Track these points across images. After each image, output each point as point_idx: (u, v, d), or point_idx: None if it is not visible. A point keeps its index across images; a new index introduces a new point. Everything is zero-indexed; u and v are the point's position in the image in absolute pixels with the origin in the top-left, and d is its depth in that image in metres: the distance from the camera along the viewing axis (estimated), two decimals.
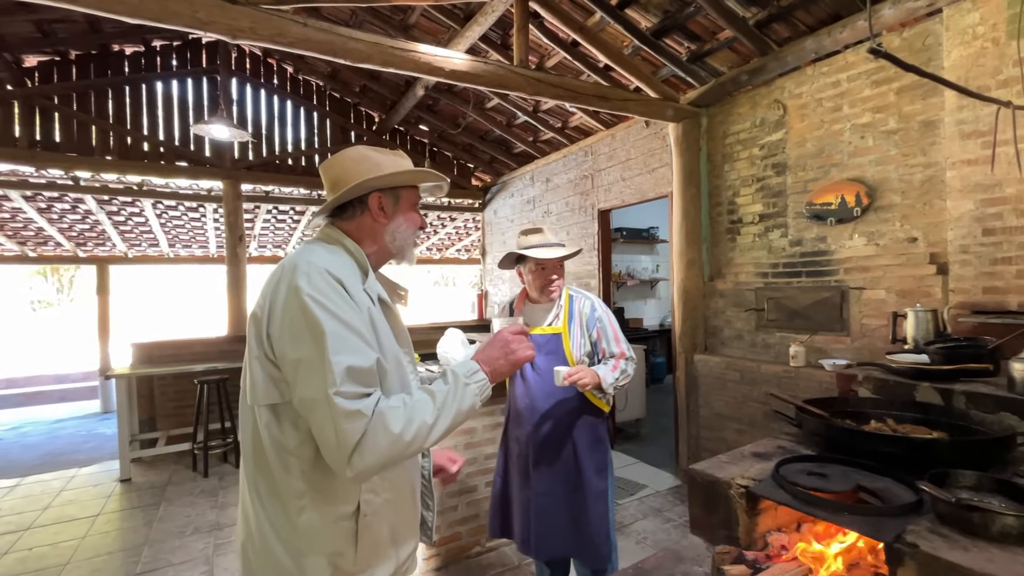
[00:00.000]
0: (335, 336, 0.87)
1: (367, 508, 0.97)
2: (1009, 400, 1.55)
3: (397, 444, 0.86)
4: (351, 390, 0.85)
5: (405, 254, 1.14)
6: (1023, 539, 0.94)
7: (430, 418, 0.91)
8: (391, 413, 0.87)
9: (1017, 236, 2.13)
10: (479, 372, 1.00)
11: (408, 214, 1.12)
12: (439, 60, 2.67)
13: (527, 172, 5.74)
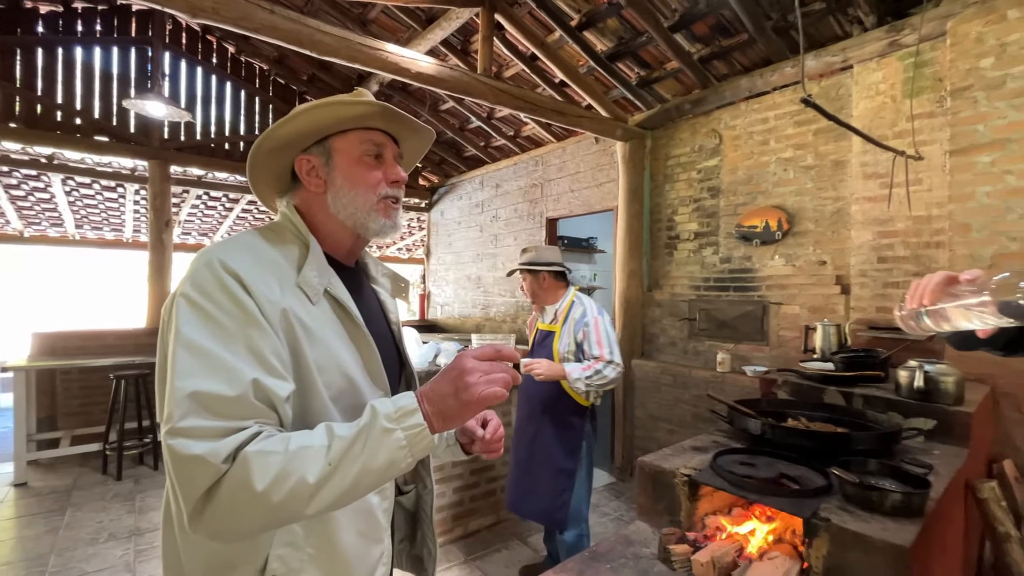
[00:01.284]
0: (192, 350, 0.65)
1: (280, 567, 0.72)
2: (896, 402, 1.85)
3: (261, 506, 0.61)
4: (198, 425, 0.61)
5: (367, 225, 0.85)
6: (908, 512, 1.16)
7: (313, 475, 0.62)
8: (259, 462, 0.61)
9: (904, 264, 2.51)
10: (416, 414, 0.67)
11: (351, 169, 0.83)
12: (406, 61, 2.70)
13: (477, 176, 5.82)
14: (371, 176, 0.84)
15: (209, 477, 0.60)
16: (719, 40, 3.14)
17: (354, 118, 0.84)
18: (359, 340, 0.82)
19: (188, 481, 0.61)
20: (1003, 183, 2.19)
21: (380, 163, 0.86)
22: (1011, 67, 2.17)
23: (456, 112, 5.08)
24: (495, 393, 0.68)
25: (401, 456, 0.66)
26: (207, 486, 0.60)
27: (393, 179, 0.86)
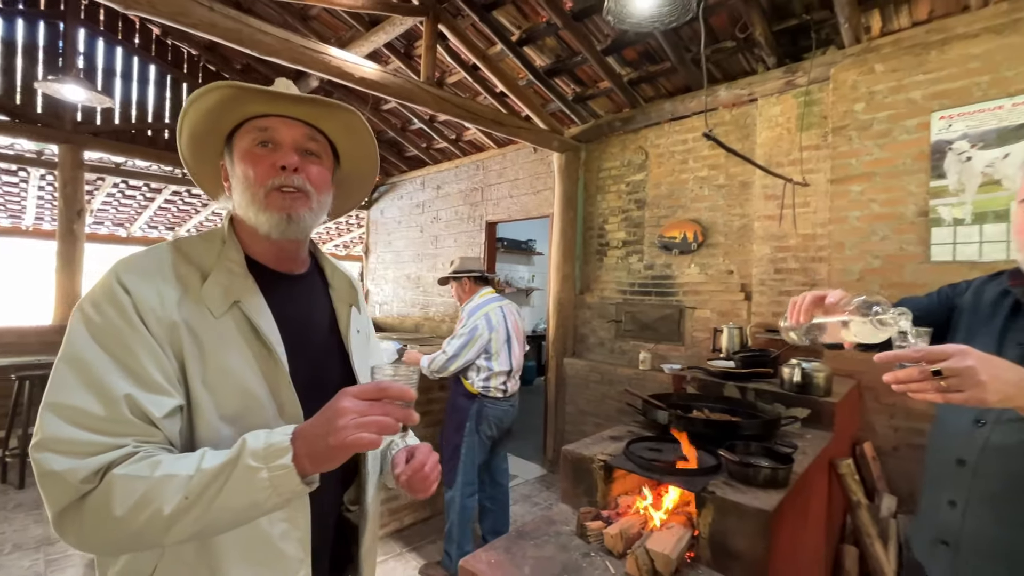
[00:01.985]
0: (71, 363, 0.64)
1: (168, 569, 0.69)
2: (781, 395, 2.16)
3: (120, 531, 0.59)
4: (63, 439, 0.60)
5: (260, 221, 0.76)
6: (775, 483, 1.41)
7: (169, 507, 0.59)
8: (122, 487, 0.59)
9: (795, 275, 2.89)
10: (286, 454, 0.61)
11: (240, 165, 0.77)
12: (349, 66, 2.74)
13: (418, 176, 5.86)
14: (256, 167, 0.76)
15: (67, 495, 0.59)
16: (646, 66, 3.43)
17: (218, 108, 0.77)
18: (267, 357, 0.74)
19: (48, 496, 0.60)
20: (869, 209, 2.60)
21: (272, 150, 0.77)
22: (877, 112, 2.58)
23: (398, 112, 5.10)
24: (361, 440, 0.60)
25: (264, 497, 0.61)
26: (65, 504, 0.59)
27: (281, 163, 0.76)
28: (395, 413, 0.63)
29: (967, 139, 2.32)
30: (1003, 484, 0.94)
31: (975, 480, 0.98)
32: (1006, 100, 2.22)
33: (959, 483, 1.00)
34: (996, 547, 0.94)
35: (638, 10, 1.98)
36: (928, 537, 1.06)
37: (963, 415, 1.01)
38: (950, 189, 2.36)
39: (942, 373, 0.70)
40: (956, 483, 1.01)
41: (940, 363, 0.71)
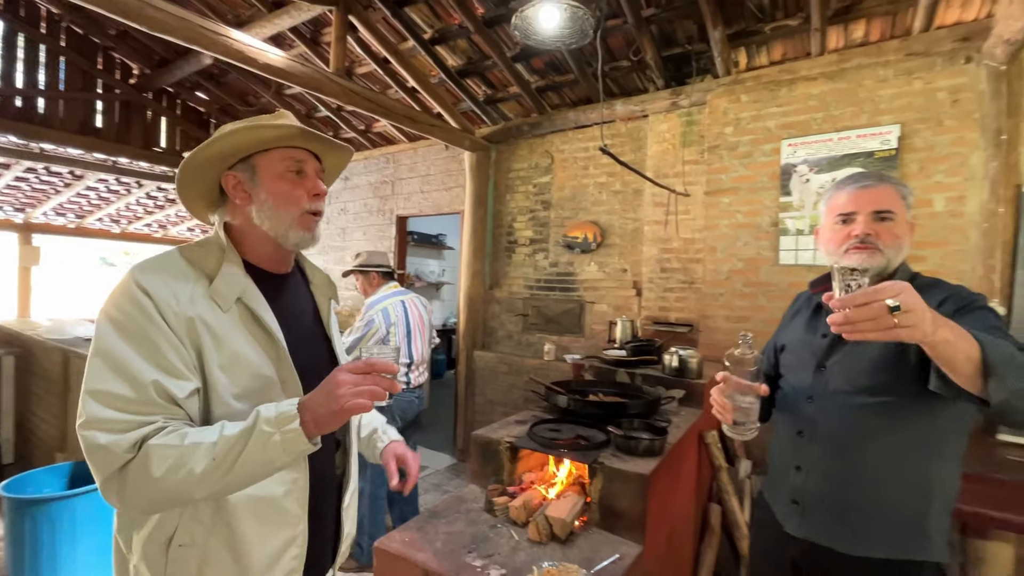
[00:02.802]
0: (103, 357, 0.77)
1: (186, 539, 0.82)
2: (663, 379, 2.47)
3: (158, 489, 0.73)
4: (104, 418, 0.74)
5: (288, 236, 0.92)
6: (652, 452, 1.66)
7: (199, 468, 0.73)
8: (158, 453, 0.73)
9: (677, 275, 3.29)
10: (294, 420, 0.76)
11: (274, 185, 0.92)
12: (252, 51, 2.63)
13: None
14: (294, 192, 0.93)
15: (113, 463, 0.73)
16: (552, 76, 3.65)
17: (275, 139, 0.93)
18: (269, 343, 0.89)
19: (96, 466, 0.74)
20: (735, 219, 3.04)
21: (302, 178, 0.94)
22: (742, 136, 3.02)
23: (303, 99, 4.89)
24: (358, 405, 0.76)
25: (277, 455, 0.75)
26: (112, 470, 0.74)
27: (315, 192, 0.95)
28: (382, 383, 0.80)
29: (807, 164, 2.81)
30: (830, 449, 1.16)
31: (811, 447, 1.19)
32: (834, 134, 2.74)
33: (800, 451, 1.22)
34: (828, 501, 1.16)
35: (542, 29, 2.16)
36: (784, 499, 1.26)
37: (799, 394, 1.25)
38: (794, 205, 2.85)
39: (900, 309, 0.71)
40: (798, 452, 1.22)
41: (893, 296, 0.72)
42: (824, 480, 1.17)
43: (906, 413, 1.08)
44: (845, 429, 1.14)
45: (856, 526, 1.12)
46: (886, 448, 1.09)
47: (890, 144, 2.60)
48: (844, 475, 1.14)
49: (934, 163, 2.52)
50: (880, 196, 1.12)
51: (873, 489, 1.11)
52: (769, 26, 2.80)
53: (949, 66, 2.50)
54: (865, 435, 1.11)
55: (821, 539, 1.16)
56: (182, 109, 5.41)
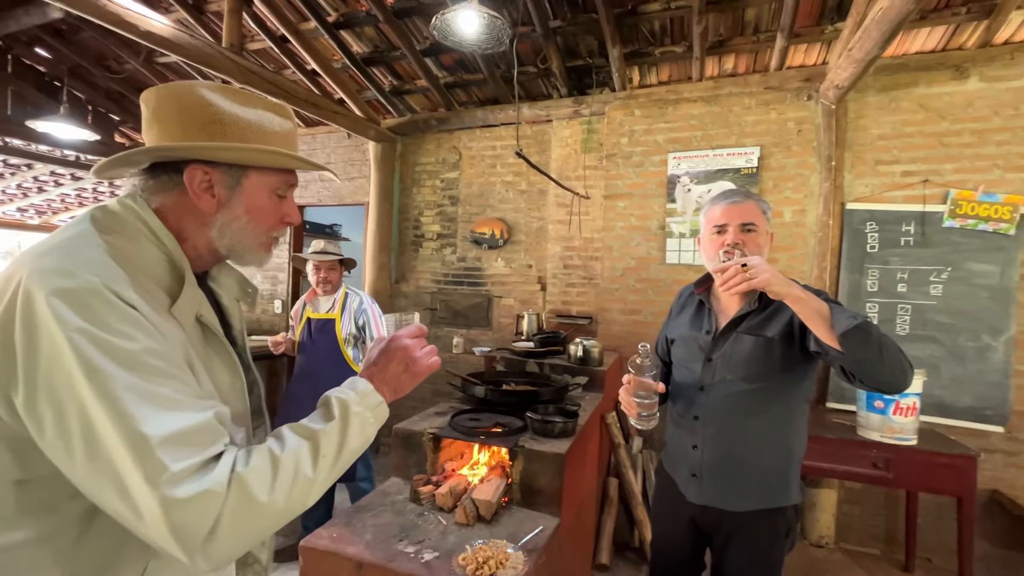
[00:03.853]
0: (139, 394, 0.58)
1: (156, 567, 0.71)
2: (568, 367, 2.67)
3: (268, 515, 0.62)
4: (184, 465, 0.58)
5: (244, 256, 0.82)
6: (565, 434, 1.82)
7: (310, 470, 0.66)
8: (254, 476, 0.62)
9: (578, 271, 3.55)
10: (374, 395, 0.77)
11: (257, 204, 0.78)
12: (132, 16, 2.32)
13: None
14: (272, 215, 0.81)
15: (217, 507, 0.58)
16: (462, 73, 3.71)
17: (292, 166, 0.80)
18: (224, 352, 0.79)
19: (197, 519, 0.57)
20: (629, 221, 3.37)
21: (282, 201, 0.83)
22: (636, 147, 3.35)
23: (179, 68, 4.37)
24: (436, 363, 0.85)
25: (373, 431, 0.76)
26: (210, 526, 0.58)
27: (289, 220, 0.84)
28: (434, 350, 0.86)
29: (688, 175, 3.21)
30: (719, 429, 1.40)
31: (705, 429, 1.42)
32: (710, 151, 3.16)
33: (696, 432, 1.44)
34: (719, 471, 1.40)
35: (461, 33, 2.22)
36: (684, 473, 1.49)
37: (692, 385, 1.47)
38: (678, 211, 3.23)
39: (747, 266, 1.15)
40: (694, 433, 1.45)
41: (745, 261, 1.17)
42: (716, 455, 1.42)
43: (773, 394, 1.36)
44: (731, 412, 1.39)
45: (740, 487, 1.38)
46: (760, 423, 1.37)
47: (752, 163, 3.07)
48: (731, 449, 1.40)
49: (784, 181, 3.04)
50: (746, 211, 1.38)
51: (752, 457, 1.38)
52: (659, 50, 3.14)
53: (796, 101, 3.02)
54: (746, 415, 1.38)
55: (714, 502, 1.41)
56: (14, 67, 4.53)
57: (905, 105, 2.81)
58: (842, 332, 1.05)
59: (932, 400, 2.65)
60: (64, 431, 0.56)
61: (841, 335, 1.05)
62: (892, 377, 1.10)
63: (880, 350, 1.06)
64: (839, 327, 1.06)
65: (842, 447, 2.37)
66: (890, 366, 1.08)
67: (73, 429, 0.56)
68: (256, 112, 0.77)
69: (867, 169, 2.88)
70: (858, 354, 1.06)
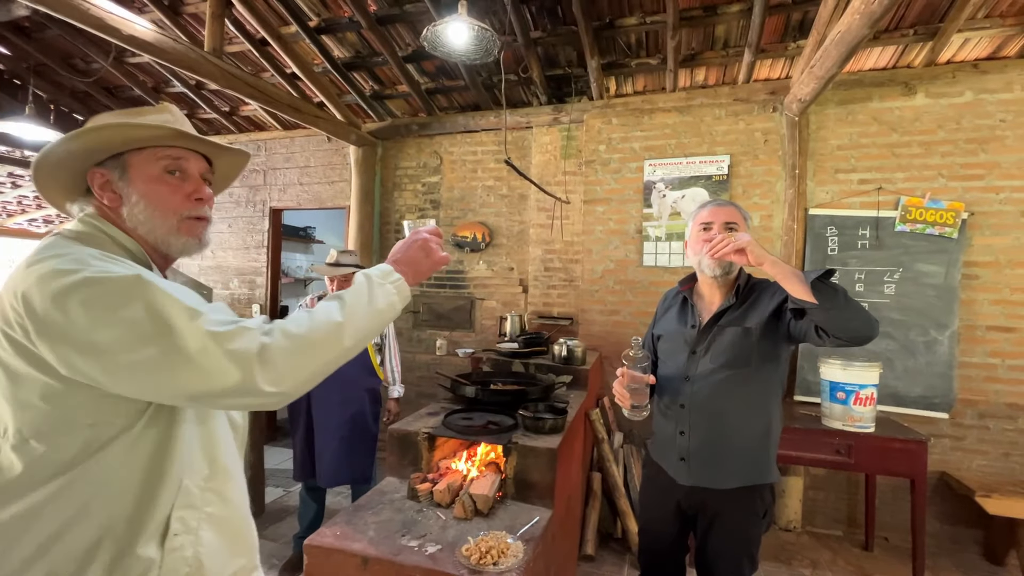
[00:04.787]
0: (156, 279, 0.73)
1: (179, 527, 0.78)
2: (552, 366, 2.78)
3: (308, 347, 0.75)
4: (218, 317, 0.73)
5: (170, 243, 0.86)
6: (556, 430, 1.92)
7: (338, 315, 0.79)
8: (291, 323, 0.77)
9: (559, 273, 3.66)
10: (393, 273, 0.89)
11: (148, 187, 0.83)
12: (114, 19, 2.30)
13: None
14: (171, 196, 0.84)
15: (256, 338, 0.72)
16: (443, 79, 3.77)
17: (148, 139, 0.83)
18: None
19: (244, 346, 0.70)
20: (608, 225, 3.50)
21: (182, 180, 0.86)
22: (613, 153, 3.49)
23: (151, 70, 4.28)
24: (448, 256, 1.01)
25: (396, 300, 0.88)
26: (258, 347, 0.71)
27: (196, 196, 0.86)
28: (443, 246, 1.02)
29: (663, 182, 3.36)
30: (703, 415, 1.53)
31: (691, 415, 1.55)
32: (683, 159, 3.32)
33: (683, 419, 1.57)
34: (705, 454, 1.53)
35: (450, 44, 2.29)
36: (673, 458, 1.60)
37: (678, 376, 1.60)
38: (654, 215, 3.38)
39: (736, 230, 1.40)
40: (681, 420, 1.57)
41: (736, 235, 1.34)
42: (702, 438, 1.55)
43: (752, 380, 1.50)
44: (715, 398, 1.52)
45: (725, 467, 1.51)
46: (741, 407, 1.51)
47: (723, 170, 3.24)
48: (716, 432, 1.53)
49: (753, 187, 3.22)
50: (729, 213, 1.55)
51: (735, 438, 1.51)
52: (635, 61, 3.28)
53: (762, 112, 3.21)
54: (728, 400, 1.51)
55: (702, 482, 1.54)
56: None
57: (861, 118, 3.03)
58: (813, 281, 1.20)
59: (888, 391, 2.87)
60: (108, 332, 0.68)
61: (813, 284, 1.20)
62: (860, 323, 1.25)
63: (846, 299, 1.23)
64: (810, 279, 1.21)
65: (808, 436, 2.55)
66: (857, 313, 1.24)
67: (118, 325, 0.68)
68: (126, 114, 0.86)
69: (827, 177, 3.09)
70: (829, 302, 1.21)
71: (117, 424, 0.74)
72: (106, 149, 0.83)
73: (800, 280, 1.24)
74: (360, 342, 0.83)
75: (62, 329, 0.68)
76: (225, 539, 0.85)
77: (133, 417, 0.75)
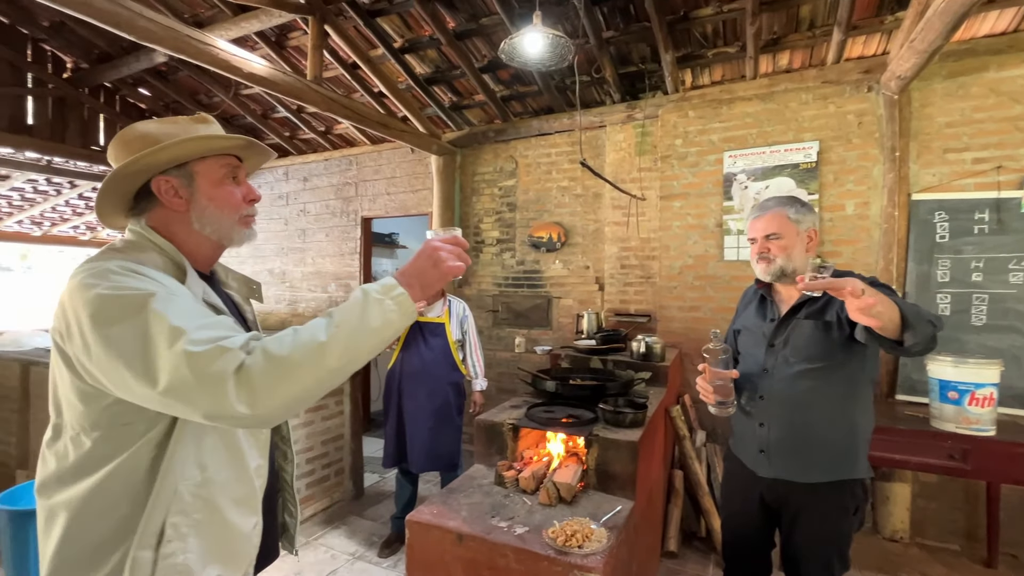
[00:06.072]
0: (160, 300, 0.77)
1: (172, 533, 0.83)
2: (631, 363, 2.80)
3: (288, 368, 0.73)
4: (201, 335, 0.73)
5: (233, 237, 0.99)
6: (636, 424, 1.96)
7: (323, 335, 0.76)
8: (273, 342, 0.75)
9: (635, 271, 3.65)
10: (396, 287, 0.83)
11: (215, 191, 0.96)
12: (237, 60, 2.67)
13: (280, 167, 5.58)
14: (233, 197, 0.98)
15: (234, 360, 0.72)
16: (517, 86, 3.90)
17: (220, 148, 0.96)
18: None
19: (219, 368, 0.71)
20: (686, 220, 3.44)
21: (237, 184, 1.00)
22: (690, 147, 3.42)
23: (260, 99, 4.82)
24: (459, 267, 0.89)
25: (395, 317, 0.81)
26: (234, 367, 0.71)
27: (251, 199, 1.02)
28: (464, 256, 0.91)
29: (745, 173, 3.25)
30: (782, 408, 1.54)
31: (770, 408, 1.56)
32: (766, 148, 3.19)
33: (762, 411, 1.59)
34: (785, 445, 1.53)
35: (527, 54, 2.40)
36: (753, 450, 1.62)
37: (757, 368, 1.61)
38: (735, 208, 3.28)
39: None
40: (760, 412, 1.59)
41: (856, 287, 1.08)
42: (782, 431, 1.54)
43: (833, 373, 1.47)
44: (793, 390, 1.52)
45: (806, 460, 1.49)
46: (821, 399, 1.48)
47: (811, 157, 3.08)
48: (795, 424, 1.52)
49: (845, 174, 3.03)
50: (767, 223, 1.55)
51: (815, 431, 1.49)
52: (711, 51, 3.20)
53: (855, 93, 3.01)
54: (807, 393, 1.49)
55: (782, 475, 1.53)
56: (121, 106, 5.14)
57: (975, 91, 2.75)
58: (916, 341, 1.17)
59: (1014, 392, 2.58)
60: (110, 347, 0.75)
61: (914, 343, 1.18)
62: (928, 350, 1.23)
63: (933, 341, 1.19)
64: (915, 335, 1.17)
65: (914, 438, 2.36)
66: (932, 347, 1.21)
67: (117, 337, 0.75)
68: (178, 126, 0.95)
69: (934, 158, 2.83)
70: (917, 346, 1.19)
71: (141, 426, 0.82)
72: (183, 158, 0.93)
73: (897, 325, 1.18)
74: (352, 362, 0.79)
75: (78, 337, 0.77)
76: (208, 547, 0.88)
77: (155, 419, 0.83)
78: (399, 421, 2.87)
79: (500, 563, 1.50)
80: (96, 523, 0.81)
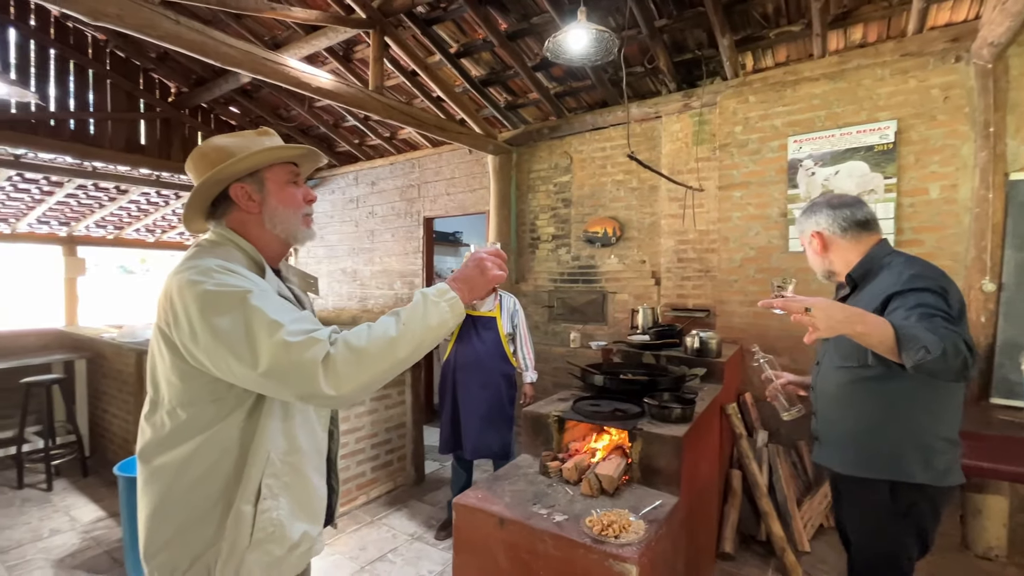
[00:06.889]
0: (256, 296, 0.90)
1: (267, 492, 0.99)
2: (685, 359, 2.74)
3: (365, 356, 0.88)
4: (296, 328, 0.88)
5: (298, 235, 1.13)
6: (683, 419, 1.94)
7: (393, 331, 0.92)
8: (352, 336, 0.90)
9: (693, 264, 3.55)
10: (449, 292, 0.99)
11: (282, 194, 1.10)
12: (306, 76, 2.91)
13: (351, 172, 5.95)
14: (296, 198, 1.12)
15: (323, 349, 0.86)
16: (570, 82, 3.90)
17: (287, 157, 1.12)
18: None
19: (311, 356, 0.85)
20: (746, 211, 3.29)
21: (298, 187, 1.14)
22: (751, 134, 3.26)
23: (332, 110, 5.18)
24: (502, 275, 1.07)
25: (448, 317, 0.98)
26: (323, 356, 0.86)
27: (310, 199, 1.16)
28: (504, 267, 1.08)
29: (812, 159, 3.05)
30: (823, 400, 1.63)
31: (817, 398, 1.66)
32: (836, 131, 2.97)
33: (814, 400, 1.69)
34: (830, 435, 1.60)
35: (572, 50, 2.42)
36: (811, 437, 1.72)
37: (813, 361, 1.72)
38: (801, 196, 3.09)
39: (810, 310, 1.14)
40: (814, 401, 1.70)
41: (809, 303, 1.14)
42: (824, 422, 1.64)
43: (869, 376, 1.45)
44: (830, 385, 1.59)
45: (840, 451, 1.55)
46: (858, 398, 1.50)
47: (888, 138, 2.83)
48: (834, 416, 1.59)
49: (928, 155, 2.76)
50: None
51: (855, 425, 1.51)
52: (773, 31, 3.03)
53: (941, 65, 2.73)
54: (842, 387, 1.54)
55: (822, 461, 1.62)
56: (216, 123, 5.72)
57: None
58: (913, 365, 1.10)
59: None
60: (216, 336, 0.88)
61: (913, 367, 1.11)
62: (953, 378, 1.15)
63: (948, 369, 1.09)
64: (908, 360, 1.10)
65: (1010, 445, 2.13)
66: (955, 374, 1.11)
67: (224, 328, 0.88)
68: (246, 139, 1.09)
69: None
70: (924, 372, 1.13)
71: (231, 402, 0.97)
72: (257, 167, 1.08)
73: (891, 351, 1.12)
74: (414, 353, 0.95)
75: (186, 326, 0.91)
76: (296, 505, 1.05)
77: (243, 396, 0.97)
78: (454, 410, 3.00)
79: (539, 548, 1.55)
80: (195, 482, 0.96)
